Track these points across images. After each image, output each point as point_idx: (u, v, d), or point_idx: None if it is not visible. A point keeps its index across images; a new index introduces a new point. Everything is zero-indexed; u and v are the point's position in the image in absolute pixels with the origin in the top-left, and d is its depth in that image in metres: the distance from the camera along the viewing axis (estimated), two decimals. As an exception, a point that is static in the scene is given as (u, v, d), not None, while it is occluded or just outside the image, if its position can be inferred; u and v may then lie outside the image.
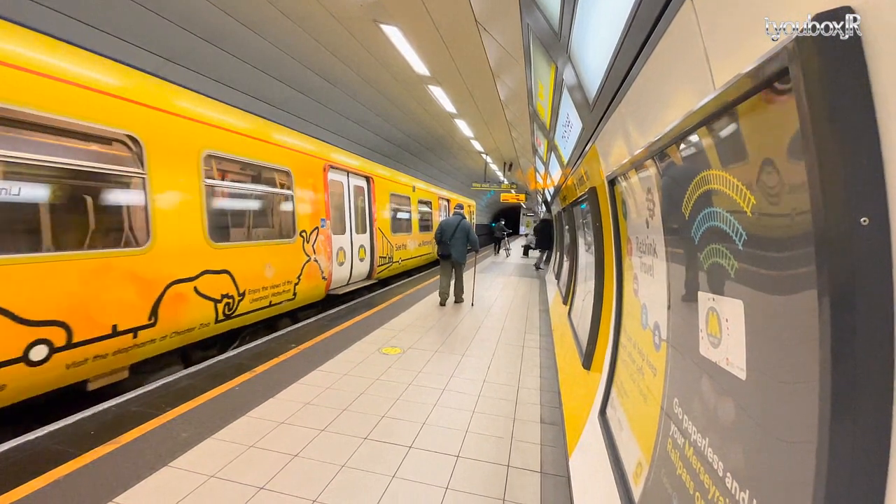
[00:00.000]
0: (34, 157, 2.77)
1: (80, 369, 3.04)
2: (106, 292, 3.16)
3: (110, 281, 3.18)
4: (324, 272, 6.23)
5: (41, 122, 2.79)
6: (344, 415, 3.02)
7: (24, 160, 2.72)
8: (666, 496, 1.32)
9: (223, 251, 4.26)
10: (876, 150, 0.57)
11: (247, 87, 7.23)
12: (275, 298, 5.12)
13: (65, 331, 2.91)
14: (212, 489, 2.18)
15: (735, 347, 0.97)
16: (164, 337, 3.69)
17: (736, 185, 0.93)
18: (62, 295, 2.88)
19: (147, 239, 3.49)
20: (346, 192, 7.19)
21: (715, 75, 0.99)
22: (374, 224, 8.24)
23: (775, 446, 0.81)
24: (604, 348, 2.85)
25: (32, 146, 2.77)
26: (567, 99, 3.01)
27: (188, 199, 3.89)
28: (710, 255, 1.09)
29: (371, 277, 8.20)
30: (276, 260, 5.14)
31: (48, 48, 2.90)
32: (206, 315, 4.08)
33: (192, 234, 3.93)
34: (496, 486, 2.28)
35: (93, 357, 3.11)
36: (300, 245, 5.65)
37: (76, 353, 2.98)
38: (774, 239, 0.81)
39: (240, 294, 4.49)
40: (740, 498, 0.90)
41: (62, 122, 2.89)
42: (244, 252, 4.62)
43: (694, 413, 1.22)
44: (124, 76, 3.42)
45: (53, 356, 2.84)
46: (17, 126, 2.68)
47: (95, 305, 3.09)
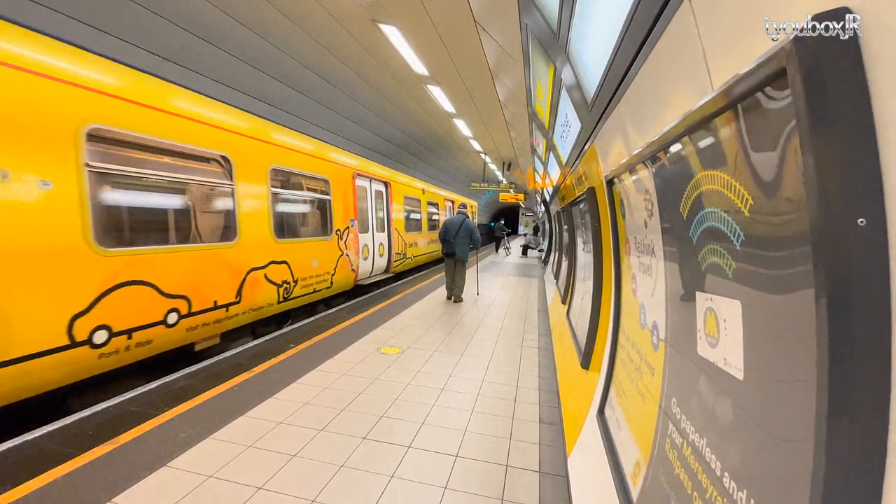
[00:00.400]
0: (167, 174, 3.75)
1: (194, 333, 4.01)
2: (211, 275, 4.17)
3: (213, 267, 4.20)
4: (353, 265, 7.30)
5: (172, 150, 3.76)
6: (343, 415, 3.02)
7: (162, 177, 3.70)
8: (664, 496, 1.32)
9: (283, 245, 5.27)
10: (873, 150, 0.57)
11: (246, 87, 7.22)
12: (317, 286, 6.15)
13: (187, 302, 3.86)
14: (210, 489, 2.17)
15: (733, 347, 0.98)
16: (244, 312, 4.66)
17: (734, 186, 0.93)
18: (186, 276, 3.85)
19: (235, 235, 4.50)
20: (368, 196, 8.22)
21: (713, 75, 0.99)
22: (391, 224, 9.29)
23: (773, 446, 0.81)
24: (602, 348, 2.85)
25: (165, 167, 3.73)
26: (566, 99, 3.01)
27: (260, 203, 4.89)
28: (708, 255, 1.10)
29: (388, 271, 9.24)
30: (319, 253, 6.18)
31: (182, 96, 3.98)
32: (271, 297, 5.08)
33: (263, 231, 4.92)
34: (495, 485, 2.28)
35: (202, 324, 4.07)
36: (336, 242, 6.72)
37: (193, 320, 3.95)
38: (772, 239, 0.81)
39: (294, 281, 5.51)
40: (738, 497, 0.90)
41: (186, 148, 3.88)
42: (297, 246, 5.63)
43: (692, 413, 1.22)
44: (220, 110, 4.45)
45: (180, 321, 3.80)
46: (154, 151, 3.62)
47: (205, 284, 4.08)
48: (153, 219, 3.76)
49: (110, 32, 4.93)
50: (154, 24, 5.15)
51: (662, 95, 1.36)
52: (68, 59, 3.00)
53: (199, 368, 3.86)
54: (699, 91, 1.06)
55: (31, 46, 2.78)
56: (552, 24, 2.41)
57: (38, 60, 2.78)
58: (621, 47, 1.44)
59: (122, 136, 3.31)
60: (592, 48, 1.85)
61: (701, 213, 1.13)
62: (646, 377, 1.73)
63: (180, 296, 3.77)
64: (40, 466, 2.30)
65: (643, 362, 1.80)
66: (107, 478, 2.23)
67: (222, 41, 5.98)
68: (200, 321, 4.03)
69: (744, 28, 0.84)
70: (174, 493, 2.13)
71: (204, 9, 5.19)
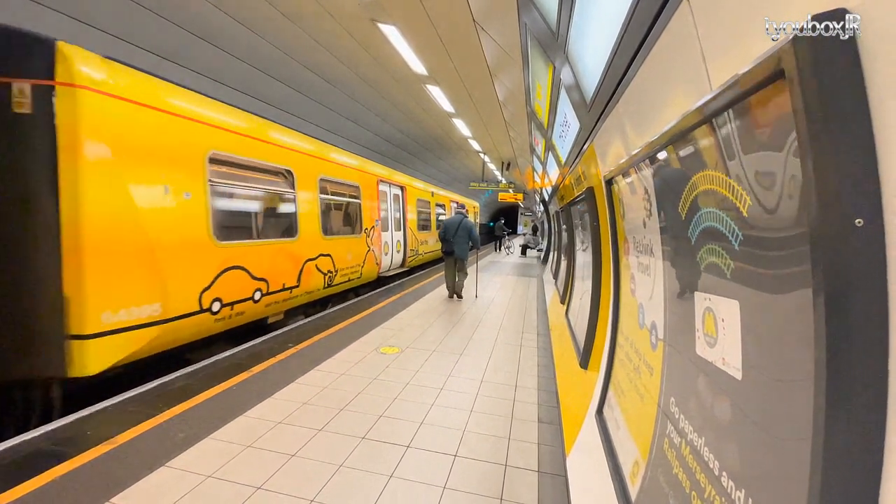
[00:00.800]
0: (254, 185, 4.92)
1: (269, 308, 5.09)
2: (281, 263, 5.26)
3: (283, 257, 5.32)
4: (377, 259, 8.51)
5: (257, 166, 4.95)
6: (342, 414, 3.02)
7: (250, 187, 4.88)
8: (662, 495, 1.33)
9: (328, 241, 6.45)
10: (871, 151, 0.57)
11: (244, 86, 7.21)
12: (351, 276, 7.33)
13: (266, 284, 4.93)
14: (209, 489, 2.17)
15: (731, 347, 0.98)
16: (301, 294, 5.77)
17: (732, 186, 0.94)
18: (266, 263, 4.93)
19: (296, 232, 5.62)
20: (388, 200, 9.43)
21: (712, 75, 0.99)
22: (406, 224, 10.62)
23: (771, 445, 0.81)
24: (601, 348, 2.86)
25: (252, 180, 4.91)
26: (565, 98, 3.01)
27: (312, 207, 6.04)
28: (707, 255, 1.10)
29: (403, 266, 10.57)
30: (352, 248, 7.38)
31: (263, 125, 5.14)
32: (319, 283, 6.23)
33: (314, 229, 6.08)
34: (494, 485, 2.29)
35: (274, 302, 5.15)
36: (364, 239, 7.88)
37: (269, 298, 5.02)
38: (770, 239, 0.82)
39: (335, 270, 6.69)
40: (736, 497, 0.90)
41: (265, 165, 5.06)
42: (337, 242, 6.83)
43: (690, 412, 1.22)
44: (286, 134, 5.67)
45: (262, 298, 4.88)
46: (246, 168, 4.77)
47: (277, 270, 5.17)
48: (245, 219, 4.92)
49: (106, 30, 4.91)
50: (152, 22, 5.13)
51: (661, 95, 1.37)
52: (198, 104, 4.18)
53: (197, 368, 3.85)
54: (698, 91, 1.06)
55: (181, 97, 3.97)
56: (551, 24, 2.41)
57: (185, 108, 3.93)
58: (620, 47, 1.44)
59: (227, 158, 4.44)
60: (591, 48, 1.85)
61: (699, 212, 1.13)
62: (644, 377, 1.73)
63: (262, 279, 4.86)
64: (38, 466, 2.30)
65: (642, 362, 1.80)
66: (105, 478, 2.23)
67: (221, 40, 5.97)
68: (273, 299, 5.14)
69: (743, 28, 0.84)
70: (173, 493, 2.13)
71: (202, 8, 5.18)
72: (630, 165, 1.77)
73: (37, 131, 2.95)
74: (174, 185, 3.73)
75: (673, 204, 1.33)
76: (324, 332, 5.14)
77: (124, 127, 3.33)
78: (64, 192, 2.96)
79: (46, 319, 2.99)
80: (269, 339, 4.85)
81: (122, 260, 3.29)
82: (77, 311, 3.00)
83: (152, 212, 3.53)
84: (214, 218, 4.14)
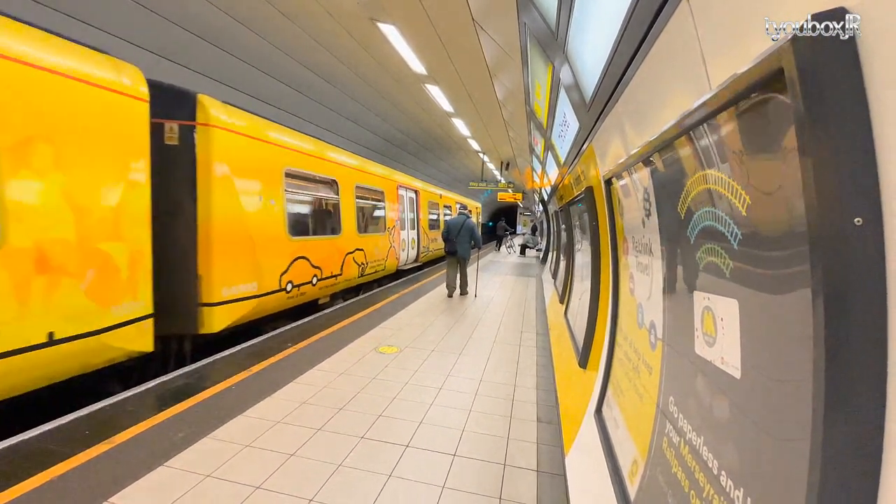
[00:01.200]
0: (311, 192, 6.34)
1: (321, 291, 6.45)
2: (329, 255, 6.62)
3: (331, 250, 6.71)
4: (396, 254, 10.04)
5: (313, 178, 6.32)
6: (341, 414, 3.02)
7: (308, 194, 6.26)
8: (661, 494, 1.33)
9: (361, 238, 7.81)
10: (870, 150, 0.57)
11: (243, 85, 7.19)
12: (377, 268, 8.74)
13: (320, 271, 6.28)
14: (208, 489, 2.17)
15: (730, 346, 0.98)
16: (342, 281, 7.13)
17: (731, 185, 0.94)
18: (319, 255, 6.27)
19: (340, 230, 7.01)
20: (405, 202, 10.85)
21: (711, 75, 0.99)
22: (419, 223, 12.10)
23: (769, 444, 0.81)
24: (600, 347, 2.86)
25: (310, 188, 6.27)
26: (564, 98, 3.01)
27: (349, 209, 7.38)
28: (706, 254, 1.10)
29: (417, 261, 12.07)
30: (379, 245, 8.78)
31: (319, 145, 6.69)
32: (355, 273, 7.62)
33: (352, 228, 7.45)
34: (493, 484, 2.29)
35: (324, 286, 6.51)
36: (387, 236, 9.35)
37: (322, 283, 6.39)
38: (769, 238, 0.82)
39: (366, 262, 8.03)
40: (735, 496, 0.90)
41: (318, 176, 6.46)
42: (368, 239, 8.17)
43: (689, 412, 1.22)
44: (333, 150, 7.21)
45: (318, 283, 6.23)
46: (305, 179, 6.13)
47: (327, 261, 6.52)
48: (306, 219, 6.23)
49: (106, 30, 4.90)
50: (151, 21, 5.12)
51: (660, 95, 1.37)
52: (279, 132, 5.55)
53: (196, 368, 3.85)
54: (697, 90, 1.06)
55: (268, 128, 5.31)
56: (550, 24, 2.41)
57: (270, 136, 5.29)
58: (619, 47, 1.44)
59: (296, 172, 5.78)
60: (591, 47, 1.85)
61: (698, 212, 1.13)
62: (643, 376, 1.74)
63: (318, 266, 6.21)
64: (36, 466, 2.29)
65: (641, 361, 1.80)
66: (103, 477, 2.22)
67: (220, 39, 5.95)
68: (325, 284, 6.51)
69: (741, 28, 0.84)
70: (171, 492, 2.13)
71: (201, 6, 5.17)
72: (629, 165, 1.77)
73: (181, 156, 4.17)
74: (265, 194, 5.06)
75: (672, 203, 1.33)
76: (323, 331, 5.14)
77: (236, 152, 4.60)
78: (200, 200, 4.21)
79: (187, 291, 4.20)
80: (267, 338, 4.85)
81: (236, 249, 4.58)
82: (206, 286, 4.27)
83: (253, 214, 4.83)
84: (288, 219, 5.48)
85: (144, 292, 3.52)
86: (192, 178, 4.16)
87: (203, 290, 4.23)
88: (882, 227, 0.56)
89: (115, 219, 3.27)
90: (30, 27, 2.81)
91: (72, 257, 2.96)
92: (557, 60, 2.66)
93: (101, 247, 3.17)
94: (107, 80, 3.19)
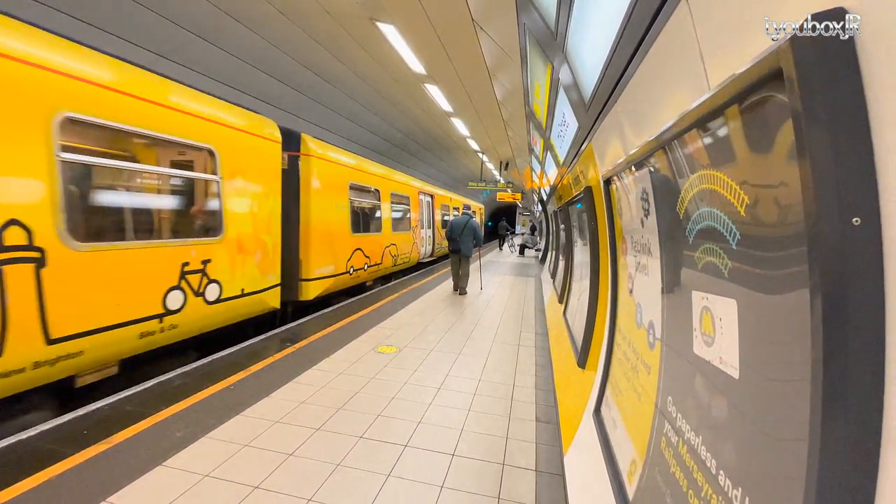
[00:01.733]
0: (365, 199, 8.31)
1: (370, 275, 8.42)
2: (374, 248, 8.49)
3: (376, 244, 8.61)
4: (419, 249, 11.99)
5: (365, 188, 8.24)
6: (339, 413, 3.02)
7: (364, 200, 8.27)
8: (660, 494, 1.33)
9: (394, 235, 9.76)
10: (868, 150, 0.57)
11: (242, 85, 7.18)
12: (405, 259, 10.70)
13: (369, 259, 8.22)
14: (206, 488, 2.17)
15: (728, 346, 0.98)
16: (382, 269, 9.02)
17: (730, 185, 0.94)
18: (369, 247, 8.26)
19: (381, 228, 8.92)
20: (423, 206, 12.63)
21: (710, 75, 0.99)
22: (434, 223, 14.04)
23: (768, 444, 0.81)
24: (599, 347, 2.86)
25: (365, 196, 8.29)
26: (563, 98, 3.01)
27: (387, 212, 9.24)
28: (704, 254, 1.10)
29: (432, 255, 14.05)
30: (406, 241, 10.75)
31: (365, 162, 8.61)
32: (391, 263, 9.56)
33: (388, 228, 9.33)
34: (492, 484, 2.29)
35: (372, 272, 8.48)
36: (412, 234, 11.25)
37: (371, 269, 8.37)
38: (768, 238, 0.82)
39: (398, 255, 9.98)
40: (733, 495, 0.90)
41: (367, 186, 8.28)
42: (399, 236, 10.08)
43: (687, 411, 1.23)
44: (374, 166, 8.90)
45: (368, 268, 8.25)
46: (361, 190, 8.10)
47: (373, 252, 8.44)
48: (360, 220, 7.90)
49: (105, 29, 4.89)
50: (150, 20, 5.11)
51: (659, 95, 1.37)
52: (345, 155, 7.47)
53: (195, 367, 3.84)
54: (696, 90, 1.06)
55: (338, 153, 7.21)
56: (550, 24, 2.41)
57: (340, 159, 7.16)
58: (619, 47, 1.44)
59: (354, 185, 7.59)
60: (590, 47, 1.85)
61: (697, 212, 1.13)
62: (642, 376, 1.74)
63: (368, 256, 8.11)
64: (34, 466, 2.29)
65: (639, 361, 1.80)
66: (101, 477, 2.22)
67: (219, 38, 5.94)
68: (372, 270, 8.44)
69: (740, 28, 0.84)
70: (170, 492, 2.12)
71: (200, 5, 5.16)
72: (628, 165, 1.77)
73: (291, 176, 5.94)
74: (338, 202, 7.01)
75: (671, 203, 1.33)
76: (321, 331, 5.14)
77: (322, 173, 6.47)
78: (302, 206, 6.08)
79: (295, 270, 6.01)
80: (265, 338, 4.85)
81: (322, 241, 6.44)
82: (305, 266, 6.13)
83: (332, 216, 6.74)
84: (351, 220, 7.39)
85: (276, 269, 5.30)
86: (297, 192, 6.05)
87: (303, 269, 6.10)
88: (880, 228, 0.56)
89: (267, 219, 5.09)
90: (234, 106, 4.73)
91: (251, 243, 4.78)
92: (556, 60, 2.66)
93: (262, 237, 4.98)
94: (263, 132, 5.06)
